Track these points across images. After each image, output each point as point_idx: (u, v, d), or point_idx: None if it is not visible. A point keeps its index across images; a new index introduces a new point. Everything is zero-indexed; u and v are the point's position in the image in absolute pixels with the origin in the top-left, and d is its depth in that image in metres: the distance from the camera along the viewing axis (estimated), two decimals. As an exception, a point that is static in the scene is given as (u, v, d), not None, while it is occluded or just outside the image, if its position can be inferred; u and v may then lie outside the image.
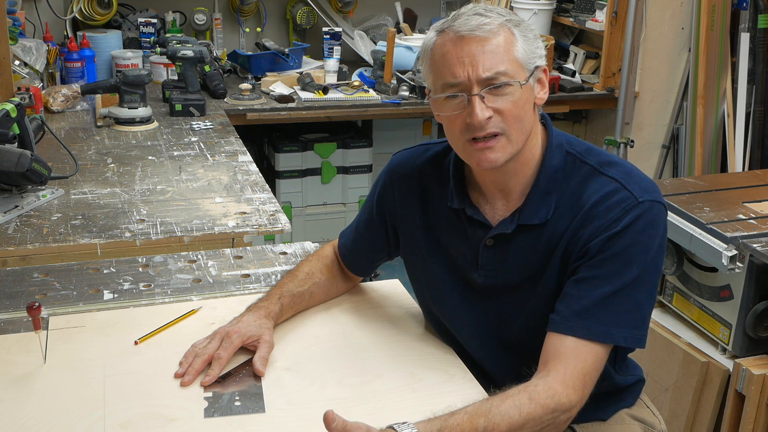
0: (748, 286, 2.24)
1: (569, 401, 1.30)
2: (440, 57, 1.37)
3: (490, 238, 1.46)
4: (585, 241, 1.37)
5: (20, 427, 1.30)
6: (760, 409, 2.19)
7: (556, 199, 1.41)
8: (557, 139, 1.45)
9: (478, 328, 1.52)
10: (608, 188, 1.39)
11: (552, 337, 1.36)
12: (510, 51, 1.35)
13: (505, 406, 1.26)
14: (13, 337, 1.57)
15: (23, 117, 2.39)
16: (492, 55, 1.33)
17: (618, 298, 1.35)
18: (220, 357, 1.44)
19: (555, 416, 1.29)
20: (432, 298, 1.58)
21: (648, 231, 1.36)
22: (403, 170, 1.59)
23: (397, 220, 1.61)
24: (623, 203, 1.37)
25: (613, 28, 3.83)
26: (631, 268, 1.35)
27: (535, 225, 1.42)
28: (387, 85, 3.72)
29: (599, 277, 1.35)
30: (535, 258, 1.43)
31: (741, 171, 3.71)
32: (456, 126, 1.38)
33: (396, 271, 1.75)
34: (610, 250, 1.35)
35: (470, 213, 1.48)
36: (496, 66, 1.33)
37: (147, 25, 3.89)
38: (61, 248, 2.03)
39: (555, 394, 1.30)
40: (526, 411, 1.27)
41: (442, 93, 1.38)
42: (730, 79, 3.78)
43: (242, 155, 2.77)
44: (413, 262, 1.61)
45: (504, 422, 1.25)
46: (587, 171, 1.42)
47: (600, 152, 1.45)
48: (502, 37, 1.34)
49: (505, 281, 1.47)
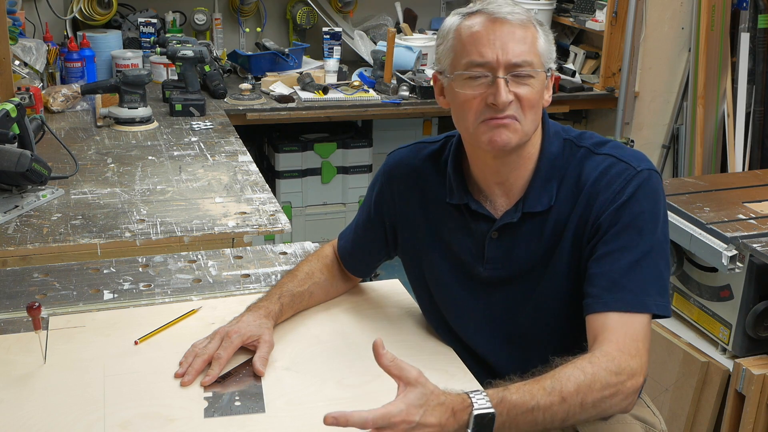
0: (748, 286, 2.24)
1: (629, 366, 1.29)
2: (468, 36, 1.39)
3: (495, 230, 1.47)
4: (595, 218, 1.39)
5: (20, 427, 1.30)
6: (760, 409, 2.19)
7: (557, 185, 1.44)
8: (553, 127, 1.49)
9: (483, 323, 1.53)
10: (605, 164, 1.42)
11: (592, 319, 1.36)
12: (535, 44, 1.39)
13: (568, 369, 1.26)
14: (13, 337, 1.57)
15: (23, 117, 2.39)
16: (522, 43, 1.37)
17: (640, 267, 1.36)
18: (220, 357, 1.44)
19: (620, 380, 1.27)
20: (436, 294, 1.59)
21: (652, 197, 1.39)
22: (400, 169, 1.59)
23: (396, 220, 1.61)
24: (623, 174, 1.40)
25: (613, 28, 3.83)
26: (645, 235, 1.37)
27: (539, 212, 1.44)
28: (387, 85, 3.72)
29: (618, 249, 1.37)
30: (541, 245, 1.44)
31: (741, 171, 3.72)
32: (472, 107, 1.39)
33: (396, 271, 1.75)
34: (621, 221, 1.37)
35: (474, 207, 1.48)
36: (524, 55, 1.37)
37: (147, 25, 3.89)
38: (61, 248, 2.03)
39: (614, 358, 1.29)
40: (590, 372, 1.25)
41: (465, 70, 1.39)
42: (730, 79, 3.78)
43: (242, 155, 2.77)
44: (414, 260, 1.61)
45: (571, 382, 1.23)
46: (583, 153, 1.45)
47: (592, 135, 1.49)
48: (530, 30, 1.39)
49: (511, 272, 1.48)
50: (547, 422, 1.23)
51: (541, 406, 1.21)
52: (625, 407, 1.31)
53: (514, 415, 1.20)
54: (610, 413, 1.31)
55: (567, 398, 1.23)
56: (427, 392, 1.16)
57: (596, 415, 1.28)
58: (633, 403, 1.32)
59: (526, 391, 1.22)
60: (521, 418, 1.21)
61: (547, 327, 1.47)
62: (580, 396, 1.24)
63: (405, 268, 1.66)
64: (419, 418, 1.14)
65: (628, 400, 1.30)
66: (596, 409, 1.27)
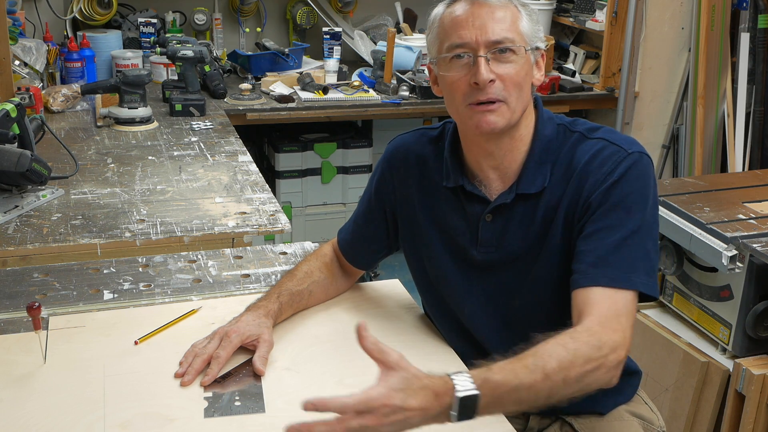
0: (748, 286, 2.24)
1: (611, 340, 1.28)
2: (449, 21, 1.44)
3: (488, 212, 1.49)
4: (585, 198, 1.41)
5: (20, 427, 1.30)
6: (760, 409, 2.19)
7: (550, 168, 1.46)
8: (547, 113, 1.52)
9: (480, 306, 1.54)
10: (597, 147, 1.45)
11: (577, 294, 1.37)
12: (516, 23, 1.43)
13: (550, 346, 1.25)
14: (13, 337, 1.57)
15: (23, 117, 2.39)
16: (501, 22, 1.41)
17: (627, 245, 1.37)
18: (219, 356, 1.45)
19: (602, 354, 1.27)
20: (433, 279, 1.60)
21: (642, 179, 1.42)
22: (399, 154, 1.62)
23: (396, 206, 1.62)
24: (614, 156, 1.42)
25: (613, 28, 3.83)
26: (634, 215, 1.39)
27: (532, 194, 1.46)
28: (387, 85, 3.72)
29: (606, 227, 1.39)
30: (534, 228, 1.46)
31: (741, 171, 3.71)
32: (459, 89, 1.43)
33: (396, 271, 1.75)
34: (610, 200, 1.39)
35: (469, 189, 1.50)
36: (503, 32, 1.41)
37: (147, 25, 3.89)
38: (61, 248, 2.03)
39: (595, 332, 1.28)
40: (572, 347, 1.25)
41: (447, 53, 1.43)
42: (730, 79, 3.78)
43: (242, 155, 2.77)
44: (413, 246, 1.62)
45: (553, 359, 1.22)
46: (576, 137, 1.48)
47: (585, 121, 1.52)
48: (510, 11, 1.43)
49: (505, 255, 1.49)
50: (531, 400, 1.22)
51: (524, 384, 1.20)
52: (608, 380, 1.29)
53: (498, 395, 1.18)
54: (594, 387, 1.29)
55: (550, 375, 1.22)
56: (408, 376, 1.14)
57: (580, 389, 1.27)
58: (616, 377, 1.30)
59: (509, 370, 1.20)
60: (505, 398, 1.20)
61: (542, 310, 1.48)
62: (563, 372, 1.23)
63: (405, 256, 1.67)
64: (400, 402, 1.11)
65: (610, 374, 1.29)
66: (579, 384, 1.25)
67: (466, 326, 1.57)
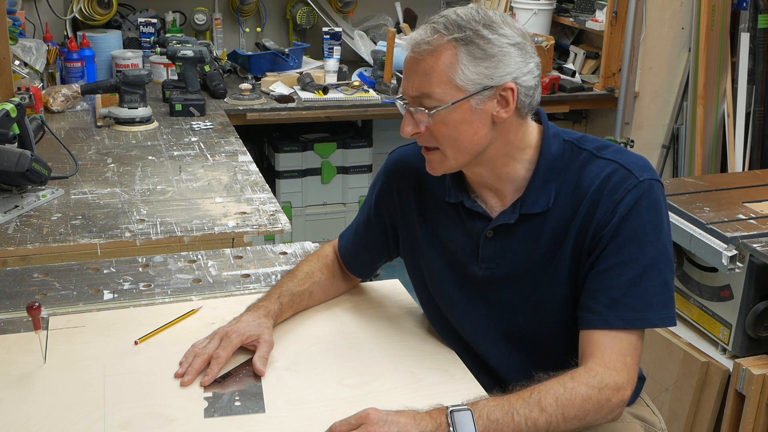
0: (748, 286, 2.24)
1: (614, 380, 1.31)
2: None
3: (490, 229, 1.47)
4: (595, 229, 1.38)
5: (20, 427, 1.30)
6: (760, 409, 2.19)
7: (556, 187, 1.42)
8: (552, 129, 1.46)
9: (480, 322, 1.53)
10: (608, 170, 1.40)
11: (586, 334, 1.37)
12: (443, 73, 1.33)
13: (549, 383, 1.30)
14: (13, 337, 1.57)
15: (23, 117, 2.39)
16: (422, 76, 1.35)
17: (643, 281, 1.36)
18: (219, 356, 1.44)
19: (604, 395, 1.30)
20: (434, 293, 1.59)
21: (654, 210, 1.38)
22: (400, 167, 1.60)
23: (396, 218, 1.61)
24: (625, 183, 1.37)
25: (613, 28, 3.83)
26: (647, 248, 1.36)
27: (537, 213, 1.43)
28: (387, 85, 3.72)
29: (619, 264, 1.36)
30: (539, 248, 1.43)
31: (741, 171, 3.71)
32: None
33: (396, 271, 1.75)
34: (622, 234, 1.36)
35: (469, 205, 1.48)
36: (422, 87, 1.35)
37: (147, 25, 3.89)
38: (61, 248, 2.03)
39: (596, 374, 1.31)
40: (570, 386, 1.29)
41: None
42: (730, 79, 3.78)
43: (242, 155, 2.77)
44: (413, 258, 1.61)
45: (549, 394, 1.28)
46: (585, 156, 1.43)
47: (594, 139, 1.48)
48: (442, 58, 1.33)
49: (507, 272, 1.47)
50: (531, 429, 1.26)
51: (519, 412, 1.25)
52: (613, 419, 1.34)
53: (494, 419, 1.24)
54: (597, 424, 1.32)
55: (546, 408, 1.26)
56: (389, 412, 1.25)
57: (582, 426, 1.30)
58: (620, 414, 1.34)
59: (503, 399, 1.27)
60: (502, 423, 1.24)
61: (547, 329, 1.47)
62: (561, 408, 1.27)
63: (406, 267, 1.66)
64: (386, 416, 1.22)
65: (614, 413, 1.33)
66: (581, 421, 1.29)
67: (467, 340, 1.57)
